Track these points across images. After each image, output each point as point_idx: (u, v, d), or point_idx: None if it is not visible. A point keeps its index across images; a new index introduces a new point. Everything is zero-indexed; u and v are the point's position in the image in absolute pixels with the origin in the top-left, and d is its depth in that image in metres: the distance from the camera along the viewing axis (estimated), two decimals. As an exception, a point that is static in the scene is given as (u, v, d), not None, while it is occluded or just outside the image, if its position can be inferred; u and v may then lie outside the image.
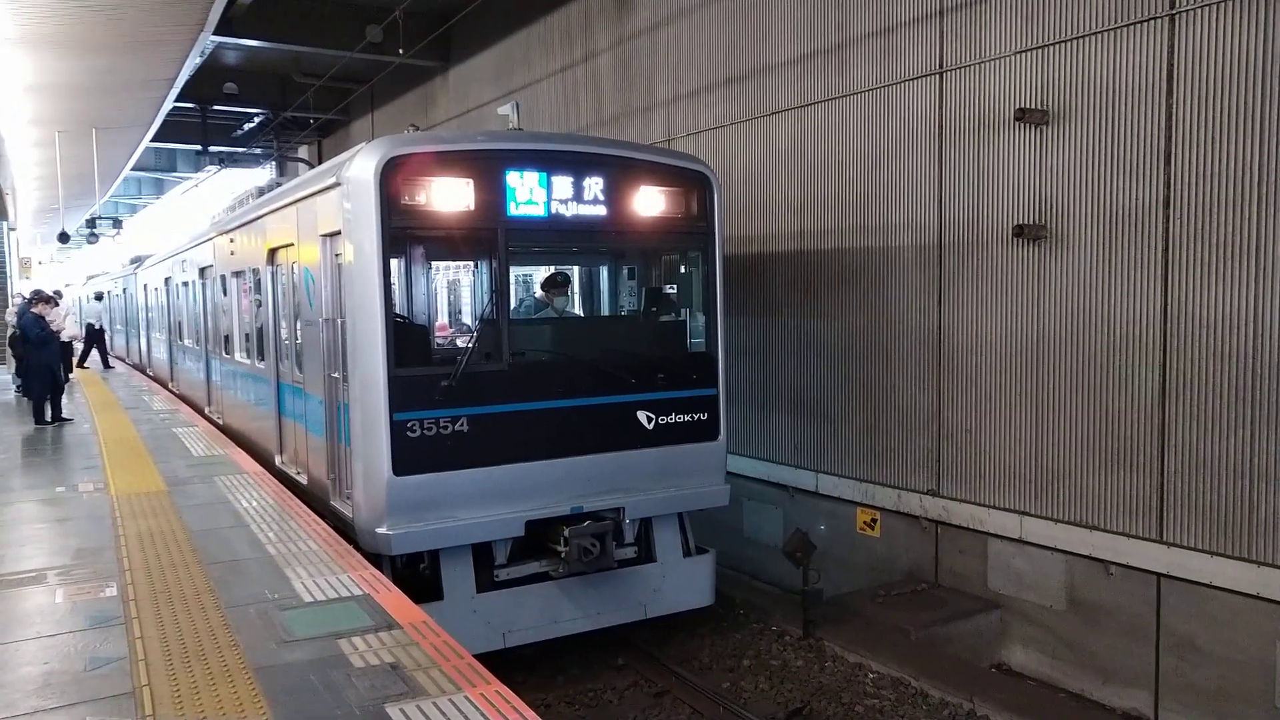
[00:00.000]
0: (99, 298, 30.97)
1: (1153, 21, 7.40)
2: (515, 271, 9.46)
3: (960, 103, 8.96)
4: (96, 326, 24.94)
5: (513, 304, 8.54)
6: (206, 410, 14.96)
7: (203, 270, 14.91)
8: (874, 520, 10.15)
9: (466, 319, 9.99)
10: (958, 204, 9.05)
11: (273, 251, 10.28)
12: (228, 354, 13.23)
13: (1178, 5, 7.26)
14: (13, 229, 22.65)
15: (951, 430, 9.29)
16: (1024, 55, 8.33)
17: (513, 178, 7.78)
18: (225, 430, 12.95)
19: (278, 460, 10.24)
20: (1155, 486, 7.64)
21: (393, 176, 7.35)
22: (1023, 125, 8.30)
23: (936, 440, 9.45)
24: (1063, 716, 7.35)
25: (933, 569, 9.59)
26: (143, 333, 24.17)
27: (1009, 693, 7.73)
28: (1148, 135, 7.49)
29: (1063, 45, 8.02)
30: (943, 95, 9.12)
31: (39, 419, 13.25)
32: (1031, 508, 8.58)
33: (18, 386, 16.00)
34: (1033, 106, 8.21)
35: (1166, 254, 7.44)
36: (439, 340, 9.12)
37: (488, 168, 7.73)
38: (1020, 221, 8.37)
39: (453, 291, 10.60)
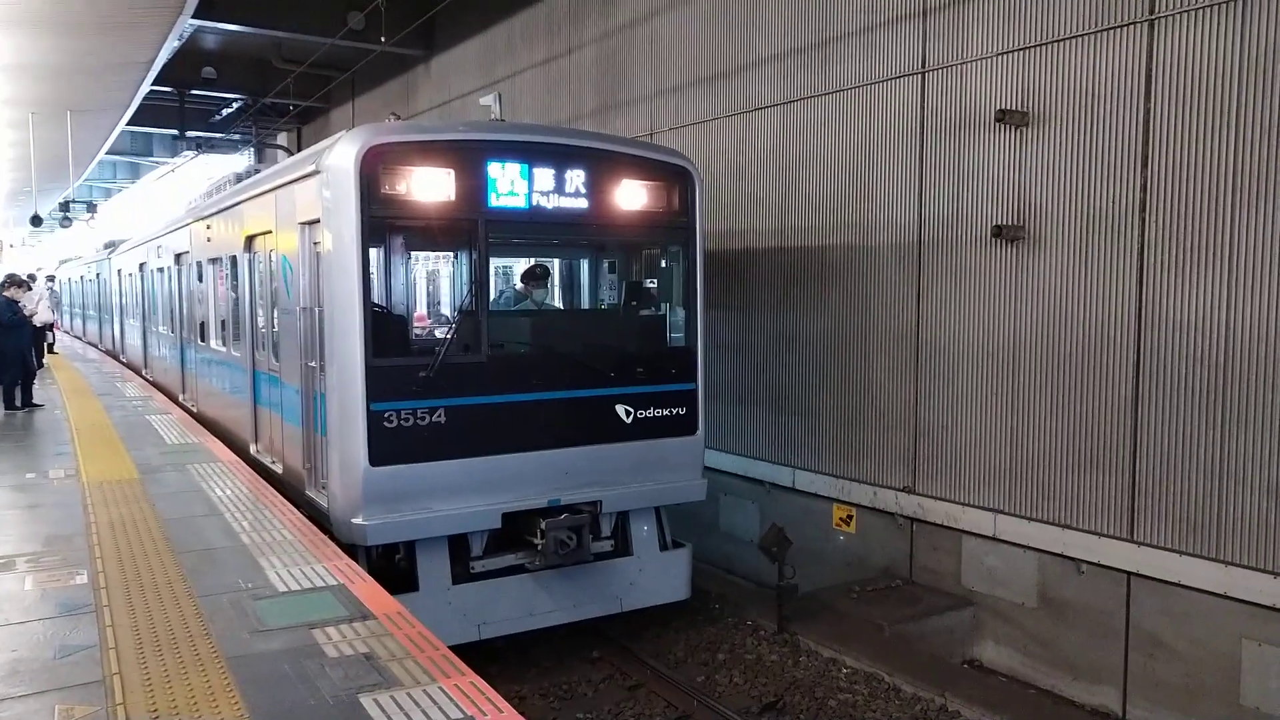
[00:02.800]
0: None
1: (1132, 26, 7.47)
2: (495, 263, 9.43)
3: (941, 103, 9.00)
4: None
5: (492, 296, 8.51)
6: (180, 398, 14.82)
7: (178, 256, 14.76)
8: (850, 516, 10.20)
9: (445, 310, 9.96)
10: (937, 203, 9.10)
11: (250, 239, 10.20)
12: (203, 341, 13.11)
13: (1157, 10, 7.32)
14: (-16, 211, 22.36)
15: (928, 428, 9.36)
16: (1005, 57, 8.38)
17: (494, 169, 7.74)
18: (199, 418, 12.83)
19: (253, 449, 10.17)
20: (1127, 486, 7.73)
21: (373, 165, 7.30)
22: (1003, 126, 8.35)
23: (913, 438, 9.51)
24: (1033, 712, 7.43)
25: (907, 565, 9.66)
26: (116, 319, 23.90)
27: (980, 688, 7.81)
28: (1125, 138, 7.56)
29: (1043, 48, 8.08)
30: (924, 95, 9.17)
31: (9, 405, 13.08)
32: (1005, 506, 8.66)
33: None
34: (1013, 108, 8.26)
35: (1142, 256, 7.52)
36: (417, 331, 9.08)
37: (469, 158, 7.70)
38: (999, 222, 8.43)
39: (432, 282, 10.56)
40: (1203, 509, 7.25)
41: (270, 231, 9.33)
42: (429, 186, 7.52)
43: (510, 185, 7.82)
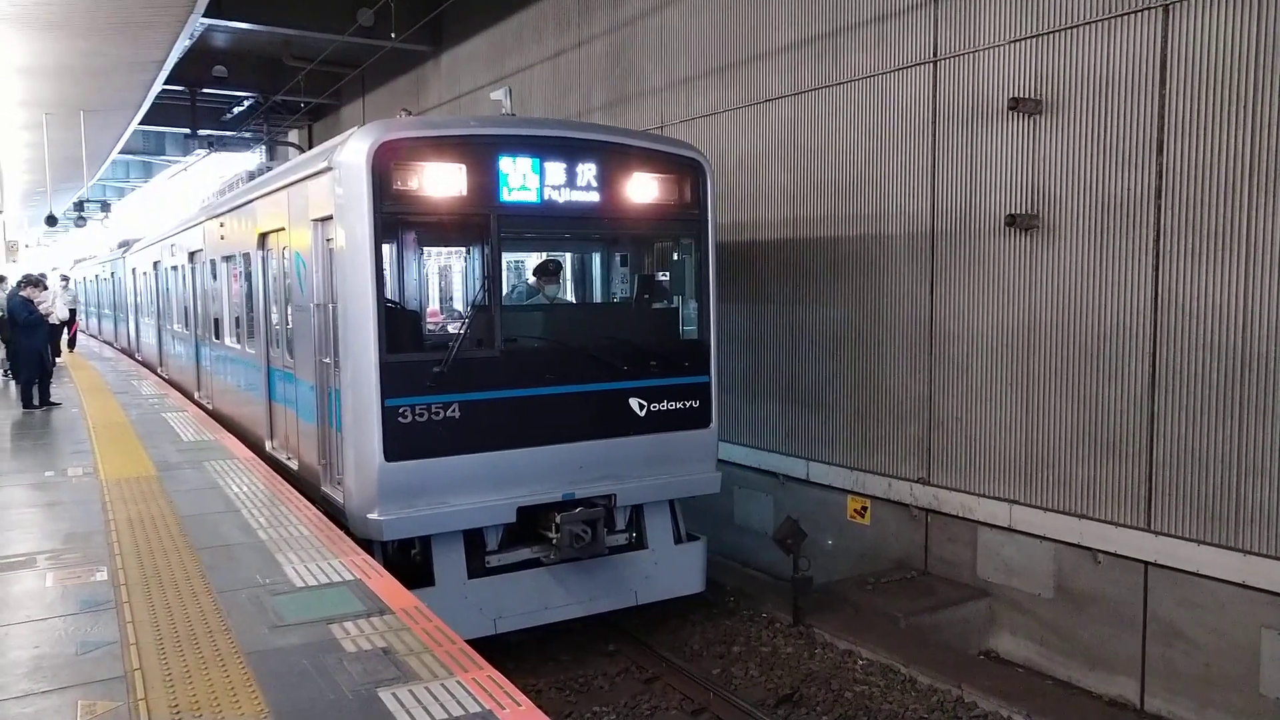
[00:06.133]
0: None
1: (1146, 12, 7.41)
2: (507, 258, 9.44)
3: (954, 91, 8.95)
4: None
5: (505, 290, 8.52)
6: (196, 395, 14.91)
7: (192, 255, 14.84)
8: (864, 508, 10.18)
9: (458, 305, 9.97)
10: (950, 193, 9.05)
11: (263, 236, 10.23)
12: (217, 339, 13.18)
13: (1172, -5, 7.26)
14: (0, 212, 22.50)
15: (942, 418, 9.32)
16: (1018, 44, 8.33)
17: (505, 163, 7.74)
18: (215, 415, 12.90)
19: (268, 445, 10.22)
20: (1144, 475, 7.69)
21: (385, 161, 7.31)
22: (1016, 114, 8.30)
23: (927, 428, 9.48)
24: (1050, 703, 7.39)
25: (922, 557, 9.64)
26: (131, 317, 24.04)
27: (997, 679, 7.79)
28: (1140, 125, 7.50)
29: (1057, 35, 8.02)
30: (936, 84, 9.11)
31: (27, 403, 13.18)
32: (1021, 496, 8.63)
33: (5, 370, 15.91)
34: (1026, 96, 8.21)
35: (1157, 244, 7.47)
36: (430, 326, 9.11)
37: (480, 153, 7.70)
38: (1012, 211, 8.38)
39: (444, 277, 10.58)
40: (1221, 497, 7.21)
41: (283, 229, 9.36)
42: (441, 182, 7.53)
43: (522, 180, 7.81)
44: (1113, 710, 7.85)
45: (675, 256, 9.39)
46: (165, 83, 15.87)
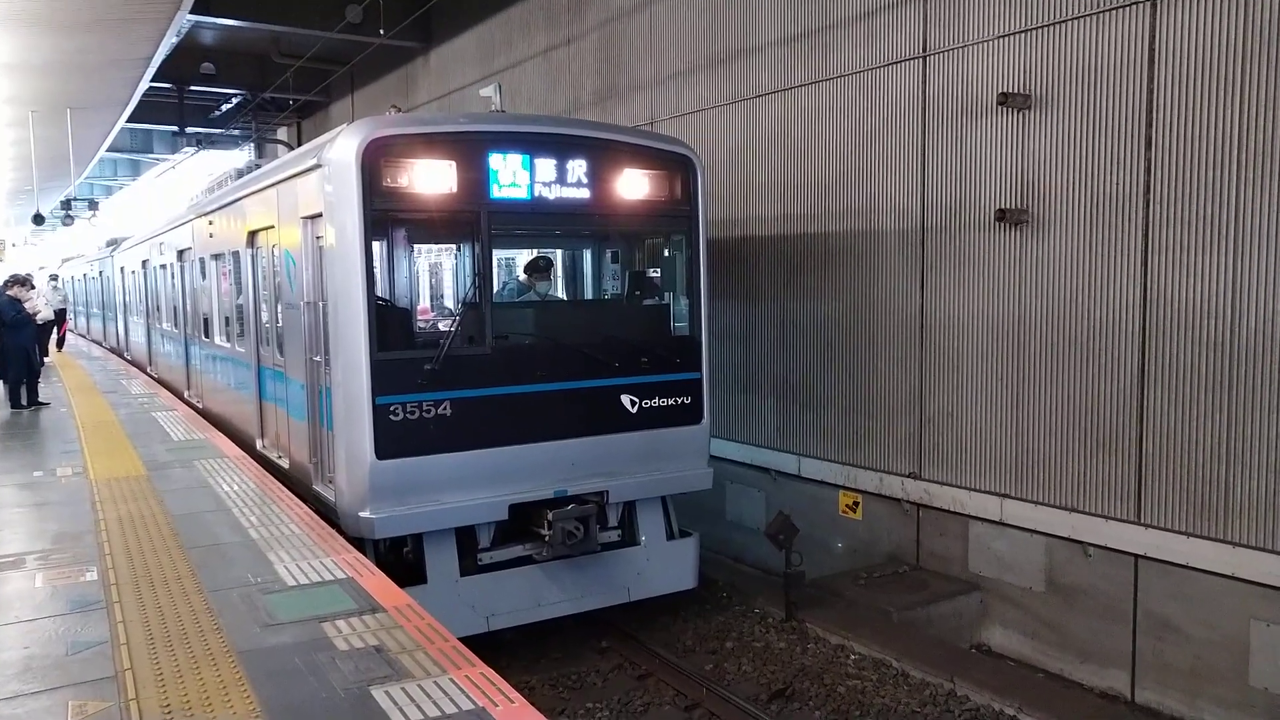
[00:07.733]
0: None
1: (1135, 6, 7.43)
2: (498, 254, 9.41)
3: (943, 87, 8.96)
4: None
5: (495, 287, 8.51)
6: (186, 394, 14.84)
7: (181, 253, 14.76)
8: (856, 503, 10.21)
9: (449, 302, 9.95)
10: (940, 188, 9.07)
11: (253, 234, 10.19)
12: (207, 338, 13.12)
13: (1160, -10, 7.28)
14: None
15: (933, 414, 9.35)
16: (1007, 39, 8.34)
17: (495, 160, 7.73)
18: (205, 414, 12.85)
19: (259, 444, 10.18)
20: (1134, 469, 7.72)
21: (375, 158, 7.29)
22: (1005, 109, 8.32)
23: (918, 423, 9.50)
24: (1041, 696, 7.43)
25: (914, 551, 9.67)
26: (120, 316, 23.91)
27: (989, 673, 7.81)
28: (1129, 120, 7.52)
29: (1045, 29, 8.03)
30: (925, 79, 9.13)
31: (15, 403, 13.10)
32: (1012, 490, 8.66)
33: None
34: (1015, 91, 8.22)
35: (1146, 238, 7.49)
36: (421, 324, 9.08)
37: (470, 150, 7.68)
38: (1002, 206, 8.40)
39: (435, 275, 10.55)
40: (1210, 490, 7.24)
41: (272, 226, 9.32)
42: (431, 179, 7.51)
43: (512, 176, 7.80)
44: (1104, 703, 7.89)
45: (666, 253, 9.39)
46: (152, 80, 15.79)
